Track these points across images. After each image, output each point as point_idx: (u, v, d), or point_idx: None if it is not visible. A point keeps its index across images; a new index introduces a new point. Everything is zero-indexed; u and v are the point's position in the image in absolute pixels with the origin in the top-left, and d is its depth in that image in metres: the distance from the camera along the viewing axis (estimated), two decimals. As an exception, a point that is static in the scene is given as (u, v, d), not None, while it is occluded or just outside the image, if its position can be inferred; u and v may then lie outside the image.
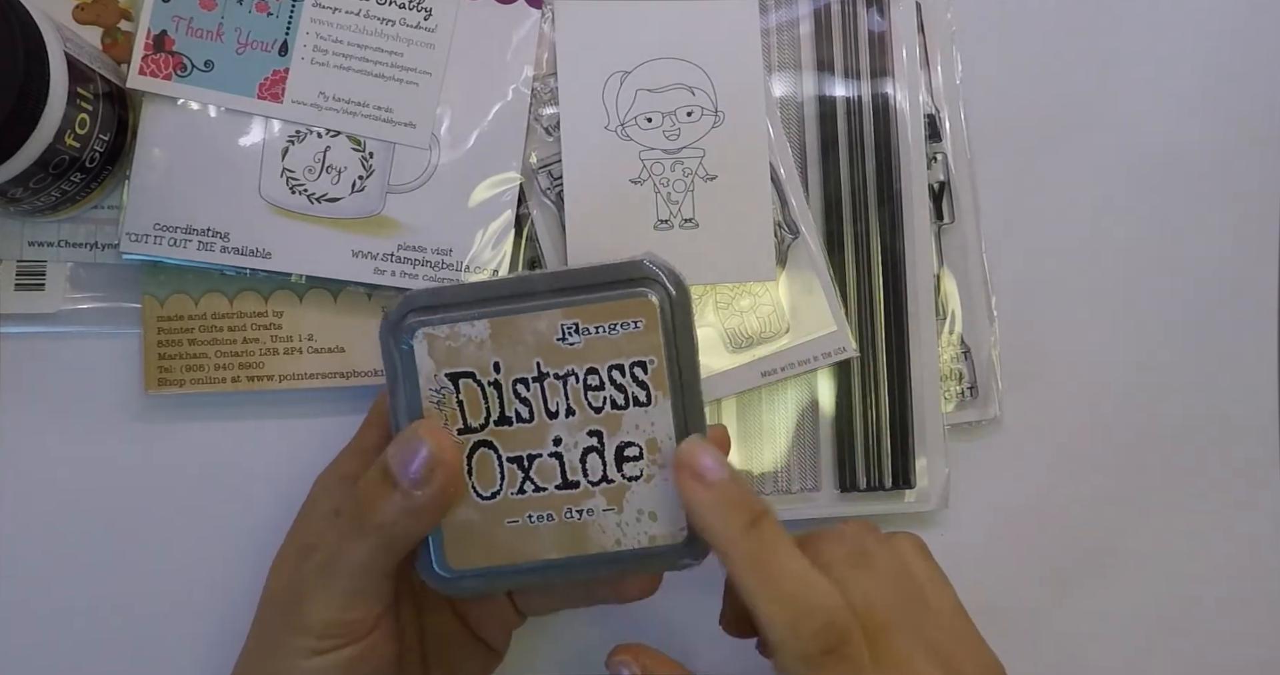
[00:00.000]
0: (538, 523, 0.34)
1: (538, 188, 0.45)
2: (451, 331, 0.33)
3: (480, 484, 0.34)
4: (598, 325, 0.33)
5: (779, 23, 0.46)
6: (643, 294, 0.33)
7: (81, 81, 0.39)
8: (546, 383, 0.33)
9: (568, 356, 0.33)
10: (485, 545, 0.34)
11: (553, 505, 0.34)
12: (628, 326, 0.33)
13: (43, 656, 0.44)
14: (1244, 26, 0.49)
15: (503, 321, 0.33)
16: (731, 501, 0.32)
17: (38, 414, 0.44)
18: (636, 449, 0.34)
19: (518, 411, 0.33)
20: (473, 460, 0.34)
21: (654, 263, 0.34)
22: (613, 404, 0.33)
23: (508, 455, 0.34)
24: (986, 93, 0.47)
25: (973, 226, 0.47)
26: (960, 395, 0.46)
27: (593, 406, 0.33)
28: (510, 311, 0.33)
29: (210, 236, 0.43)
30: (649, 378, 0.33)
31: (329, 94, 0.43)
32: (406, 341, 0.33)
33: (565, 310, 0.33)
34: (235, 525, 0.44)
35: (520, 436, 0.33)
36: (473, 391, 0.33)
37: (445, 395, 0.33)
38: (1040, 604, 0.47)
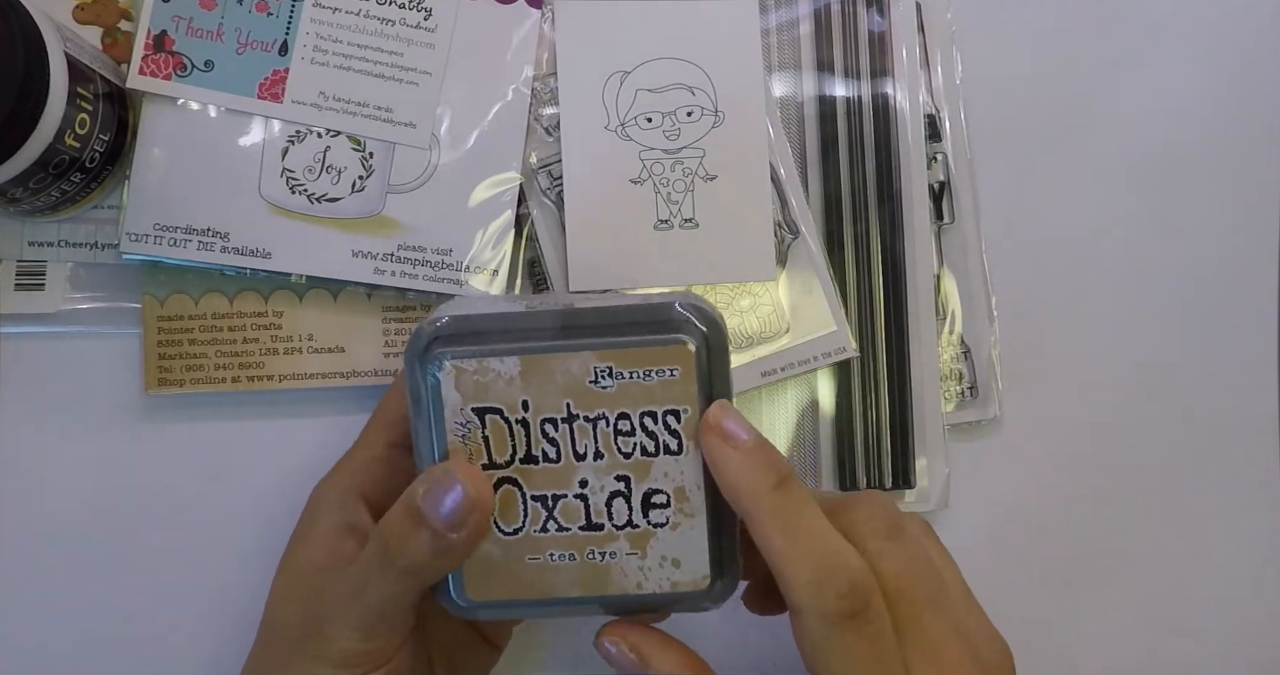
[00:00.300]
0: (559, 561, 0.34)
1: (538, 188, 0.45)
2: (480, 365, 0.32)
3: (503, 520, 0.33)
4: (632, 371, 0.32)
5: (779, 23, 0.46)
6: (680, 341, 0.32)
7: (81, 81, 0.39)
8: (576, 425, 0.33)
9: (599, 400, 0.32)
10: (505, 579, 0.34)
11: (575, 545, 0.33)
12: (663, 374, 0.32)
13: (43, 656, 0.44)
14: (1244, 26, 0.49)
15: (534, 359, 0.32)
16: (759, 462, 0.32)
17: (38, 414, 0.44)
18: (664, 496, 0.33)
19: (544, 451, 0.33)
20: (495, 495, 0.33)
21: (690, 306, 0.33)
22: (643, 451, 0.33)
23: (532, 493, 0.33)
24: (986, 93, 0.47)
25: (973, 226, 0.47)
26: (960, 395, 0.46)
27: (622, 451, 0.33)
28: (542, 349, 0.32)
29: (210, 236, 0.43)
30: (681, 427, 0.33)
31: (329, 94, 0.43)
32: (433, 373, 0.32)
33: (599, 353, 0.32)
34: (235, 525, 0.44)
35: (546, 476, 0.33)
36: (499, 428, 0.33)
37: (471, 430, 0.33)
38: (1040, 604, 0.47)
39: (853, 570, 0.32)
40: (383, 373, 0.44)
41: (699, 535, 0.33)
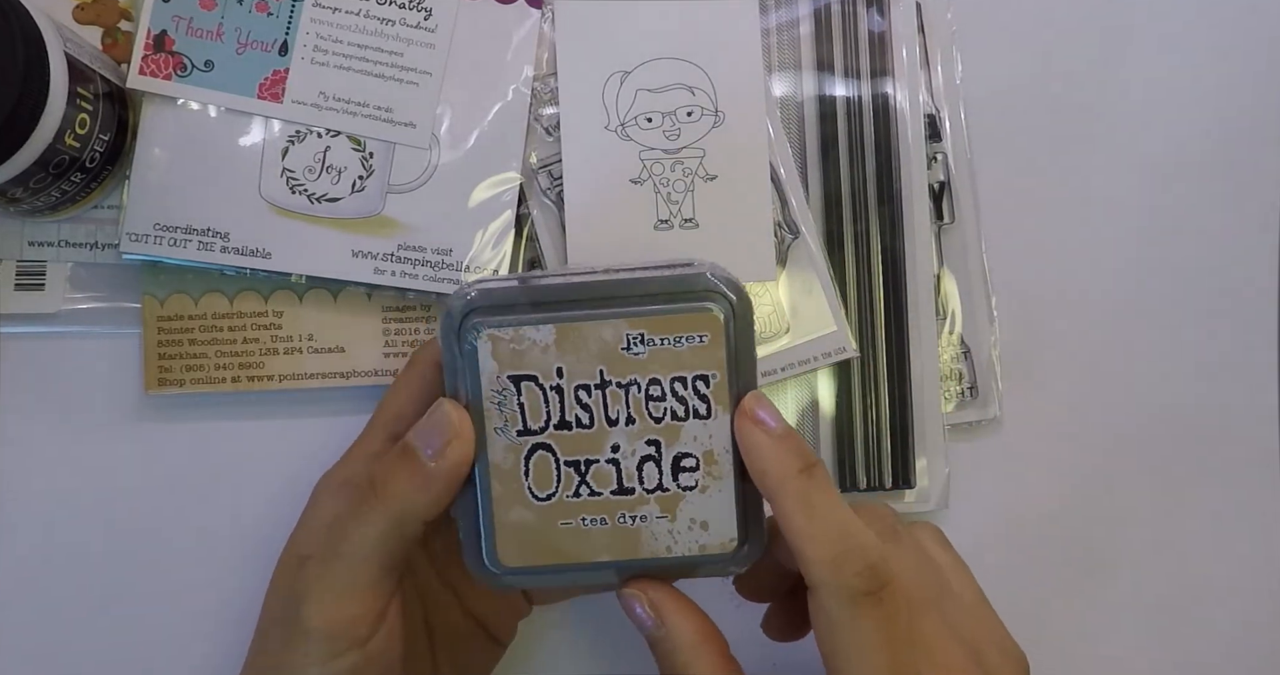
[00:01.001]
0: (590, 526, 0.34)
1: (538, 188, 0.45)
2: (516, 334, 0.33)
3: (536, 485, 0.34)
4: (663, 337, 0.33)
5: (779, 23, 0.46)
6: (709, 309, 0.33)
7: (81, 81, 0.39)
8: (609, 390, 0.34)
9: (631, 366, 0.33)
10: (537, 544, 0.34)
11: (607, 510, 0.34)
12: (692, 340, 0.33)
13: (42, 656, 0.44)
14: (1245, 26, 0.49)
15: (568, 327, 0.33)
16: (788, 448, 0.33)
17: (38, 414, 0.44)
18: (693, 460, 0.34)
19: (578, 417, 0.34)
20: (530, 461, 0.34)
21: (719, 276, 0.34)
22: (673, 415, 0.34)
23: (565, 459, 0.34)
24: (986, 93, 0.47)
25: (973, 226, 0.47)
26: (960, 395, 0.46)
27: (653, 416, 0.34)
28: (576, 318, 0.33)
29: (210, 236, 0.43)
30: (710, 392, 0.34)
31: (329, 94, 0.43)
32: (470, 341, 0.33)
33: (631, 321, 0.33)
34: (235, 525, 0.44)
35: (579, 441, 0.34)
36: (534, 394, 0.34)
37: (507, 397, 0.34)
38: (1040, 604, 0.47)
39: (870, 550, 0.33)
40: (383, 373, 0.44)
41: (727, 498, 0.34)
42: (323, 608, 0.34)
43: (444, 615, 0.39)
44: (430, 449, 0.33)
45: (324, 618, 0.34)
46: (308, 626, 0.34)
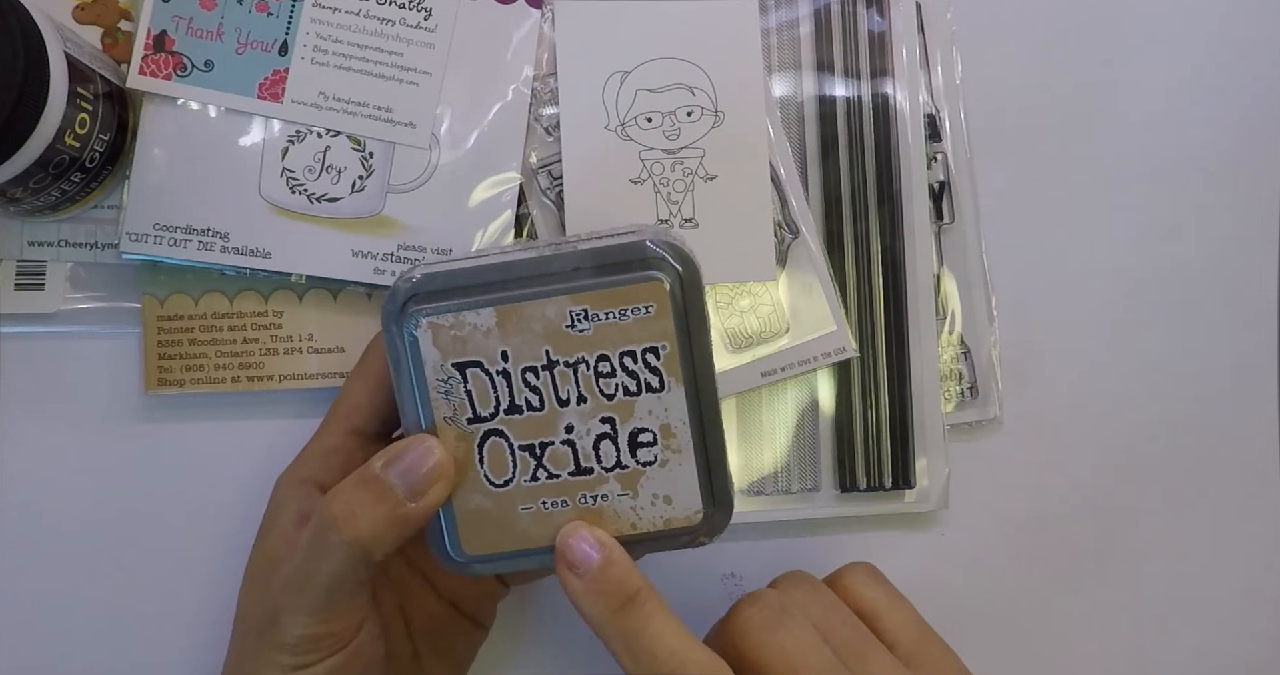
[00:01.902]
0: (552, 509, 0.34)
1: (538, 188, 0.45)
2: (456, 320, 0.32)
3: (492, 472, 0.33)
4: (608, 311, 0.32)
5: (779, 23, 0.46)
6: (653, 277, 0.32)
7: (81, 81, 0.39)
8: (556, 370, 0.33)
9: (578, 343, 0.32)
10: (499, 531, 0.34)
11: (567, 491, 0.33)
12: (638, 312, 0.32)
13: (42, 656, 0.44)
14: (1244, 26, 0.49)
15: (509, 309, 0.32)
16: (600, 588, 0.33)
17: (38, 414, 0.44)
18: (650, 435, 0.33)
19: (528, 400, 0.33)
20: (484, 449, 0.33)
21: (660, 242, 0.33)
22: (625, 391, 0.33)
23: (519, 444, 0.33)
24: (986, 93, 0.47)
25: (973, 226, 0.47)
26: (960, 395, 0.46)
27: (604, 393, 0.33)
28: (516, 298, 0.32)
29: (210, 236, 0.43)
30: (661, 363, 0.33)
31: (329, 94, 0.43)
32: (410, 332, 0.32)
33: (574, 297, 0.32)
34: (235, 525, 0.44)
35: (531, 424, 0.33)
36: (481, 381, 0.33)
37: (453, 385, 0.33)
38: (1040, 604, 0.47)
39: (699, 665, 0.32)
40: (383, 373, 0.44)
41: (688, 470, 0.33)
42: (299, 624, 0.34)
43: (419, 604, 0.39)
44: (407, 487, 0.32)
45: (301, 632, 0.34)
46: (286, 639, 0.34)
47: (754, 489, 0.45)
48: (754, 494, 0.45)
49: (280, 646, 0.34)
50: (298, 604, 0.34)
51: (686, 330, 0.33)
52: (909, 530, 0.46)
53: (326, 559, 0.33)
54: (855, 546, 0.46)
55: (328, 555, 0.33)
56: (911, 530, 0.46)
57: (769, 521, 0.45)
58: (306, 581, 0.33)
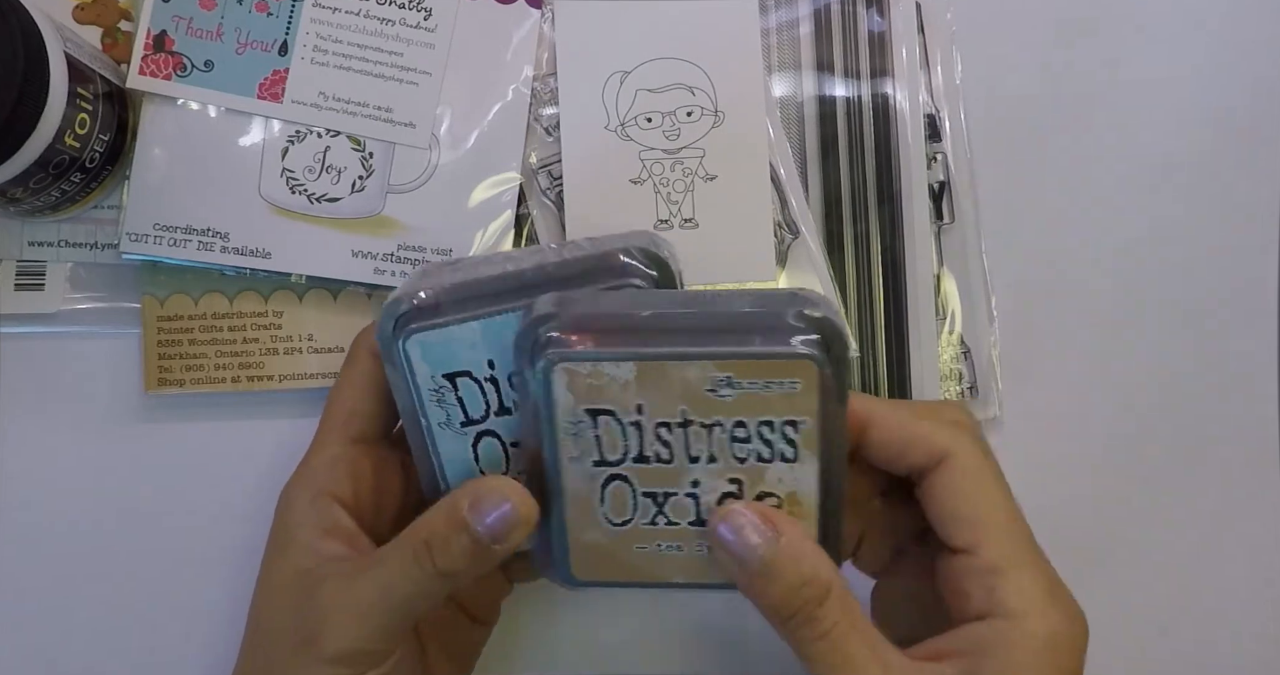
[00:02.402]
0: (667, 551, 0.34)
1: (538, 188, 0.45)
2: (594, 369, 0.32)
3: (612, 513, 0.34)
4: (752, 381, 0.32)
5: (779, 23, 0.46)
6: (802, 355, 0.31)
7: (81, 81, 0.39)
8: (691, 430, 0.32)
9: (716, 407, 0.32)
10: (612, 564, 0.34)
11: (683, 538, 0.34)
12: (784, 385, 0.32)
13: (42, 656, 0.44)
14: (1244, 26, 0.49)
15: (650, 365, 0.32)
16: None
17: (38, 414, 0.44)
18: (776, 500, 0.33)
19: (658, 453, 0.33)
20: (606, 490, 0.33)
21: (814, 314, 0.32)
22: (758, 457, 0.33)
23: (643, 491, 0.33)
24: (986, 93, 0.47)
25: (973, 226, 0.47)
26: (960, 395, 0.46)
27: (737, 457, 0.33)
28: (658, 356, 0.32)
29: (210, 236, 0.43)
30: (799, 436, 0.32)
31: (329, 94, 0.43)
32: (544, 373, 0.32)
33: (719, 364, 0.31)
34: (235, 525, 0.44)
35: (658, 475, 0.33)
36: (611, 429, 0.33)
37: (582, 429, 0.33)
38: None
39: None
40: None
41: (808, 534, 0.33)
42: (346, 641, 0.33)
43: None
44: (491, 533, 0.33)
45: (346, 648, 0.33)
46: (326, 653, 0.33)
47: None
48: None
49: (322, 660, 0.34)
50: (359, 619, 0.33)
51: (829, 405, 0.32)
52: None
53: (413, 581, 0.33)
54: (855, 546, 0.46)
55: (412, 580, 0.33)
56: (911, 530, 0.46)
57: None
58: (380, 600, 0.33)
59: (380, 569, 0.34)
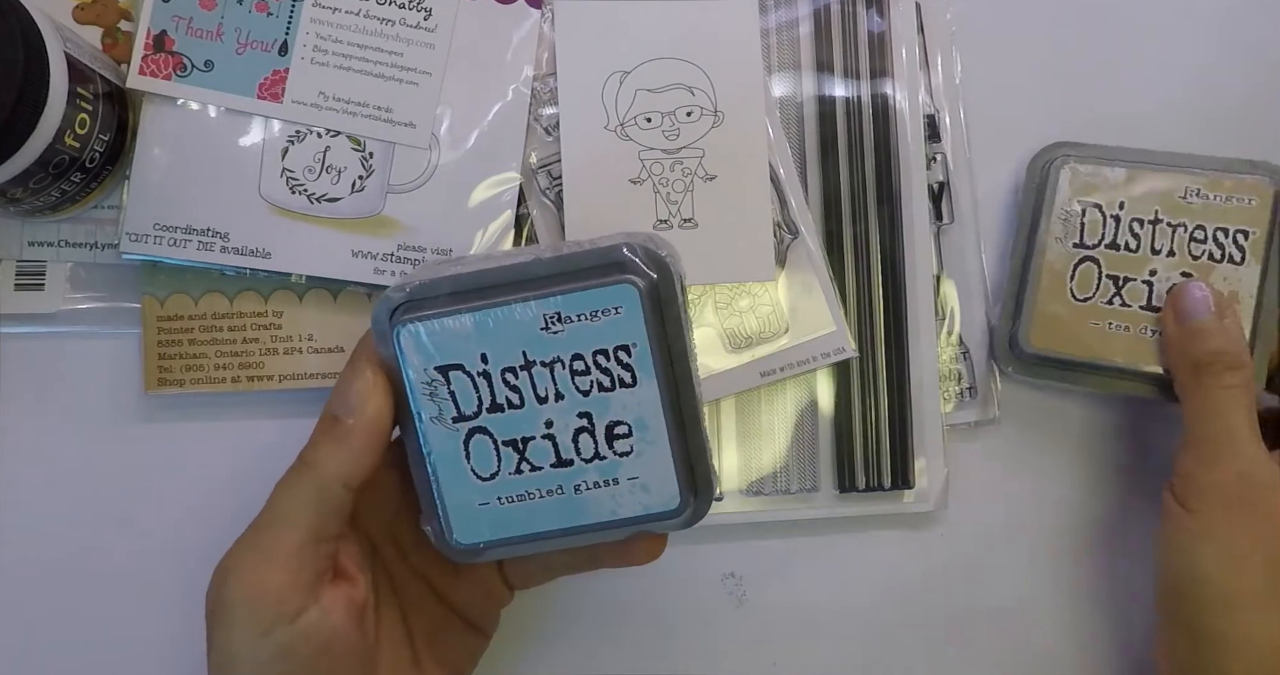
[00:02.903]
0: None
1: (537, 188, 0.45)
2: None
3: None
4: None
5: (779, 23, 0.46)
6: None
7: (81, 81, 0.39)
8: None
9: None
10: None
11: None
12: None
13: (42, 656, 0.44)
14: (1242, 28, 0.49)
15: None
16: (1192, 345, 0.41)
17: (38, 414, 0.44)
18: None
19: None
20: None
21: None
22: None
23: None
24: (986, 93, 0.47)
25: (972, 226, 0.47)
26: (959, 396, 0.46)
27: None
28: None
29: (210, 236, 0.43)
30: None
31: (329, 94, 0.43)
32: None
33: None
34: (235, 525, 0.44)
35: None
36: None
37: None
38: (1039, 604, 0.47)
39: None
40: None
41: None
42: (242, 578, 0.33)
43: (421, 610, 0.39)
44: (349, 409, 0.34)
45: (243, 589, 0.33)
46: (230, 599, 0.33)
47: (753, 489, 0.45)
48: (753, 494, 0.45)
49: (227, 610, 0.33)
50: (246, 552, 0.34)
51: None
52: (908, 530, 0.47)
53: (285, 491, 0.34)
54: (854, 547, 0.46)
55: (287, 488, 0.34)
56: (911, 530, 0.47)
57: (768, 521, 0.45)
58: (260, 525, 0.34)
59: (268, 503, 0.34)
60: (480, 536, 0.35)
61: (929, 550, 0.47)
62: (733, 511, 0.45)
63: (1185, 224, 0.42)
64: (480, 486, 0.35)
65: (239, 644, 0.33)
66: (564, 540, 0.36)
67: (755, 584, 0.46)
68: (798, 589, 0.46)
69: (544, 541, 0.36)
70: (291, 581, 0.33)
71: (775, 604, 0.46)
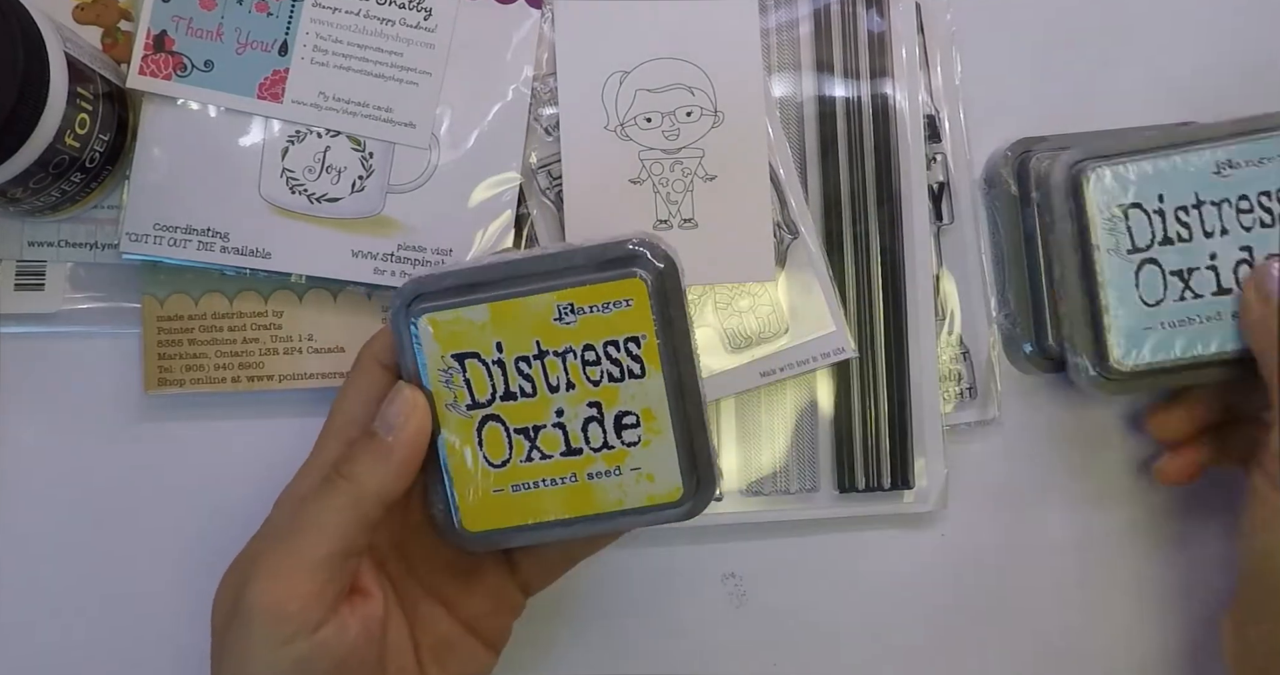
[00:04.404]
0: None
1: (537, 188, 0.45)
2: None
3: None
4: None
5: (779, 23, 0.46)
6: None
7: (81, 81, 0.39)
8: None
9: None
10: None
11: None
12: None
13: (42, 656, 0.44)
14: (1242, 28, 0.49)
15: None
16: None
17: (38, 414, 0.44)
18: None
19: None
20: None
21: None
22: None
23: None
24: (986, 93, 0.47)
25: (972, 226, 0.47)
26: (959, 396, 0.46)
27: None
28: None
29: (210, 236, 0.43)
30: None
31: (329, 94, 0.43)
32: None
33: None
34: (235, 525, 0.44)
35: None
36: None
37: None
38: (1039, 604, 0.47)
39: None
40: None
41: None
42: (267, 585, 0.33)
43: (430, 627, 0.38)
44: (389, 427, 0.34)
45: (268, 596, 0.33)
46: (252, 605, 0.33)
47: (753, 489, 0.45)
48: (753, 494, 0.45)
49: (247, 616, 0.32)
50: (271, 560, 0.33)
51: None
52: (908, 530, 0.47)
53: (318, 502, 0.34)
54: (854, 547, 0.46)
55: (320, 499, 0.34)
56: (910, 530, 0.47)
57: (768, 522, 0.45)
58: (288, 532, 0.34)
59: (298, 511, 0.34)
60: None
61: (929, 550, 0.47)
62: (733, 511, 0.45)
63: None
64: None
65: (257, 652, 0.33)
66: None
67: (755, 584, 0.46)
68: (798, 589, 0.46)
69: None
70: (318, 592, 0.33)
71: (775, 604, 0.46)
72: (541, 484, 0.36)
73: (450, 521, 0.36)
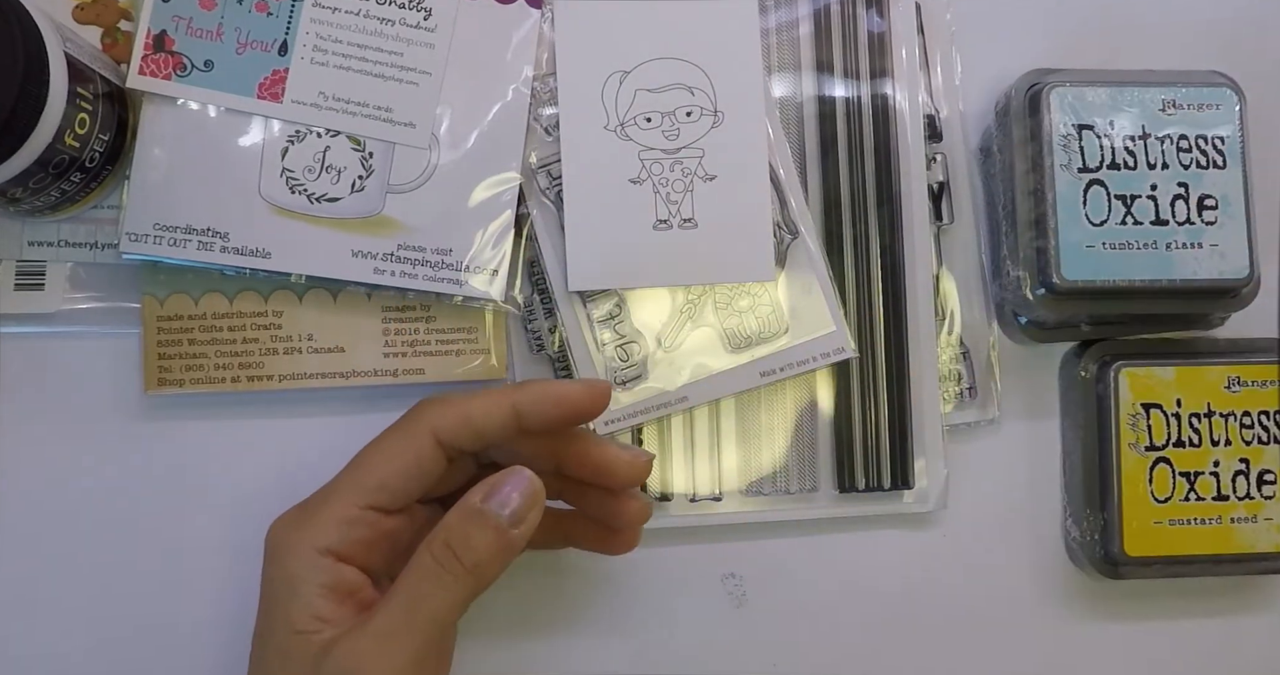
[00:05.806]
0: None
1: (537, 188, 0.45)
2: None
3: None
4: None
5: (779, 23, 0.46)
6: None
7: (81, 81, 0.39)
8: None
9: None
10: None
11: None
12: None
13: (42, 656, 0.44)
14: (1242, 29, 0.49)
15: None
16: None
17: (38, 414, 0.44)
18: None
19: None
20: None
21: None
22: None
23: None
24: (986, 93, 0.47)
25: (972, 226, 0.47)
26: (959, 396, 0.46)
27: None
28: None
29: (210, 236, 0.43)
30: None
31: (329, 94, 0.43)
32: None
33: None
34: (235, 525, 0.44)
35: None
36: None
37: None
38: (1038, 604, 0.47)
39: None
40: (382, 372, 0.44)
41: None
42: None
43: None
44: (509, 512, 0.34)
45: None
46: None
47: (753, 489, 0.45)
48: (753, 494, 0.45)
49: None
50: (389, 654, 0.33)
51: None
52: (908, 531, 0.47)
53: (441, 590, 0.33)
54: (854, 547, 0.46)
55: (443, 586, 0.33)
56: (910, 531, 0.47)
57: (768, 522, 0.45)
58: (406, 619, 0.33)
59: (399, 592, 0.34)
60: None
61: (929, 550, 0.47)
62: (733, 511, 0.45)
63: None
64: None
65: None
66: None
67: (755, 584, 0.46)
68: (798, 589, 0.46)
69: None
70: None
71: (775, 604, 0.46)
72: (1193, 522, 0.44)
73: (1093, 544, 0.44)
